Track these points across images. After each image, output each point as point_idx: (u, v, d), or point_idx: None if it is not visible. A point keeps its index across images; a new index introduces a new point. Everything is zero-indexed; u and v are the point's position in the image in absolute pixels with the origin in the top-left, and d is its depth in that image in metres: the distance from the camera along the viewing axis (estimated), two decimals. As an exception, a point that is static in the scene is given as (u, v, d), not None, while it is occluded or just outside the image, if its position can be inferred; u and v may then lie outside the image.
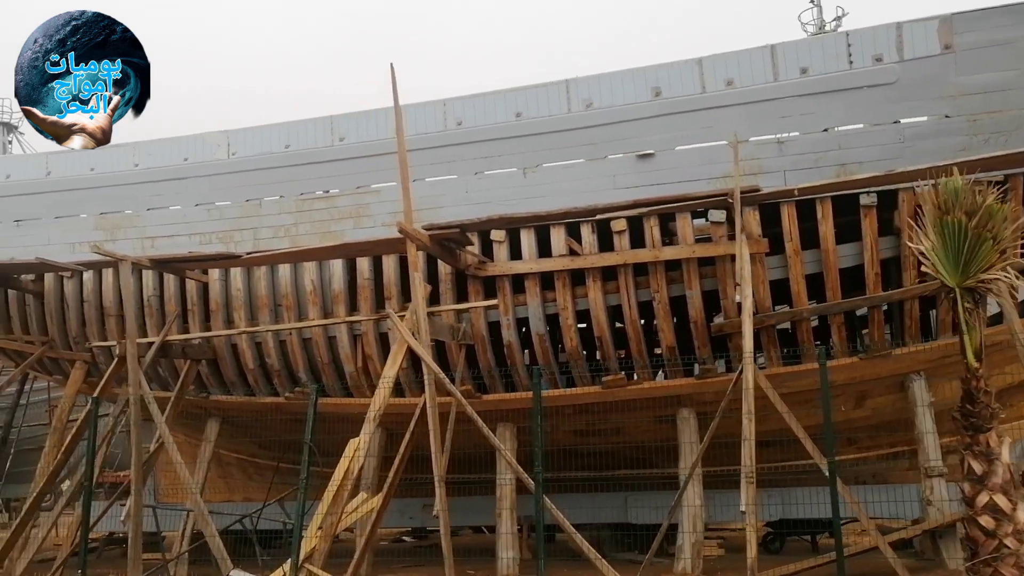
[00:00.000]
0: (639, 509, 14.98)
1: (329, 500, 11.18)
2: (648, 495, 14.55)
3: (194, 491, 12.06)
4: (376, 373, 13.37)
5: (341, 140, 13.70)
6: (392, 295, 13.09)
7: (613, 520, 15.32)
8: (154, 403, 12.61)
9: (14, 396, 16.10)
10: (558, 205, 12.29)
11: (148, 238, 14.48)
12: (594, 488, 15.11)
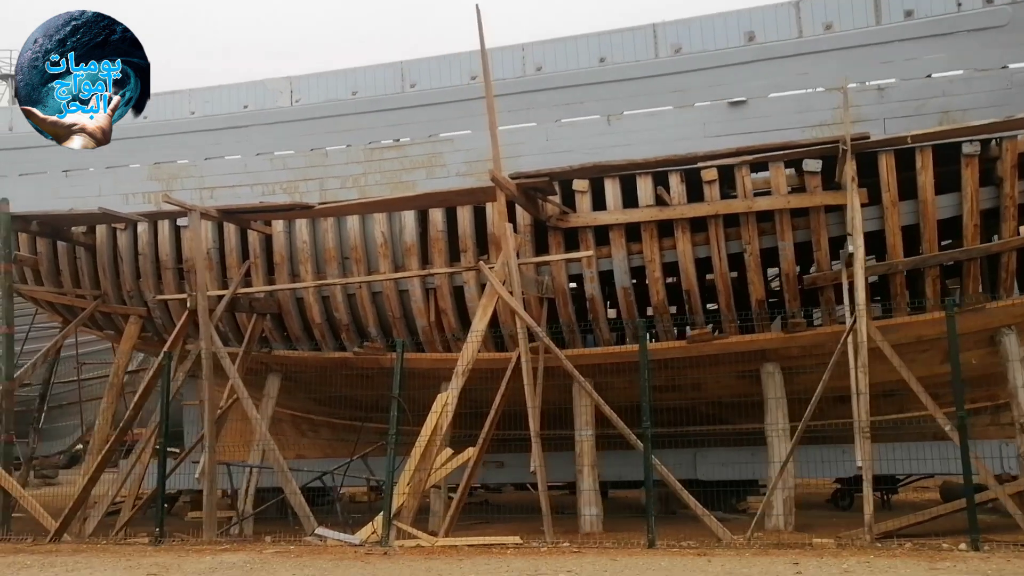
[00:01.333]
0: (708, 466, 14.92)
1: (418, 456, 10.98)
2: (717, 451, 14.51)
3: (274, 448, 11.86)
4: (450, 327, 13.17)
5: (412, 87, 13.38)
6: (468, 247, 12.87)
7: (681, 477, 15.26)
8: (227, 357, 12.40)
9: (52, 352, 15.70)
10: (644, 154, 12.10)
11: (207, 188, 14.18)
12: (662, 444, 14.99)
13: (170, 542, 11.67)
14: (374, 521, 11.20)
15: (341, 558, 9.87)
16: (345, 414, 16.38)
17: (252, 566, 9.49)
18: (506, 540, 10.52)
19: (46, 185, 15.31)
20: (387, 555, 10.03)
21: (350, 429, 17.14)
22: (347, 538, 10.99)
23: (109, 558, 10.49)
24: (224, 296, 13.09)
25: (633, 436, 10.70)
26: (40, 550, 11.57)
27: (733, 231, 12.15)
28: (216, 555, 10.40)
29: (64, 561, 10.36)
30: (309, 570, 9.07)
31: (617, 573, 8.22)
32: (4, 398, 13.35)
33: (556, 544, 10.33)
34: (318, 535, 11.30)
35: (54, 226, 14.52)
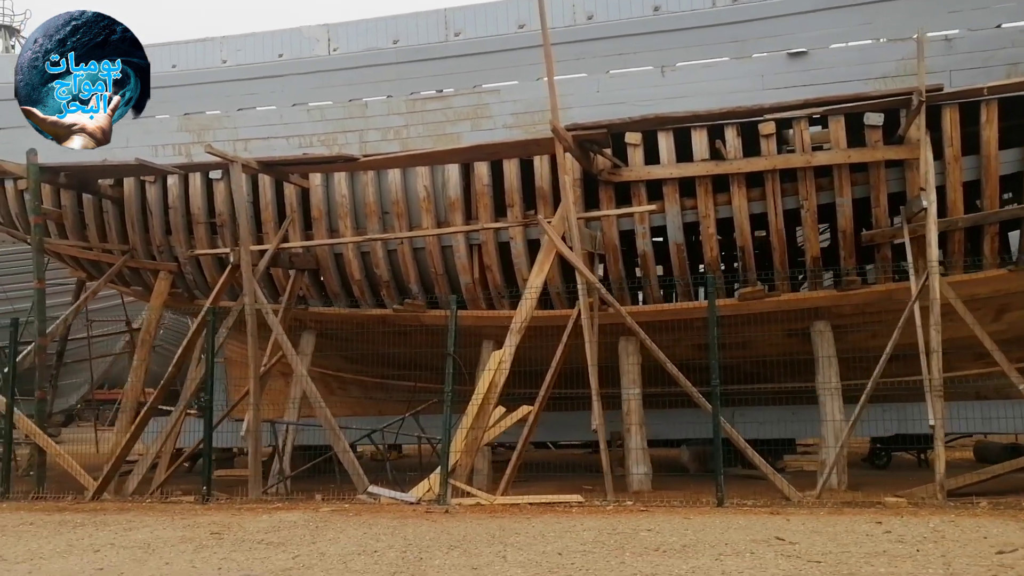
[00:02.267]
0: (746, 424, 14.87)
1: (473, 414, 10.85)
2: (755, 410, 14.46)
3: (322, 405, 11.70)
4: (495, 284, 12.97)
5: (456, 35, 13.05)
6: (515, 202, 12.60)
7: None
8: (272, 313, 12.16)
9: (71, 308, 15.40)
10: (699, 106, 11.86)
11: (240, 140, 13.85)
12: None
13: (216, 500, 11.53)
14: (429, 479, 11.09)
15: (404, 516, 9.76)
16: (376, 372, 16.21)
17: (316, 524, 9.37)
18: (568, 498, 10.45)
19: (70, 136, 14.90)
20: (449, 513, 9.93)
21: (379, 387, 17.03)
22: (401, 496, 10.89)
23: (161, 517, 10.35)
24: (267, 251, 12.80)
25: (699, 394, 10.58)
26: (84, 508, 11.42)
27: (788, 186, 11.96)
28: (272, 513, 10.28)
29: (116, 519, 10.23)
30: (377, 528, 8.96)
31: (698, 531, 8.14)
32: (37, 354, 13.09)
33: (620, 502, 10.25)
34: (370, 493, 11.18)
35: (82, 178, 14.16)
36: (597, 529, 8.43)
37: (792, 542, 7.42)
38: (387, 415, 14.92)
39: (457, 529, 8.76)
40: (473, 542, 7.95)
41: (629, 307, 12.27)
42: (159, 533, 9.13)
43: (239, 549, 8.04)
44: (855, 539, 7.49)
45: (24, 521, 10.37)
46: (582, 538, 7.97)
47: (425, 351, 13.89)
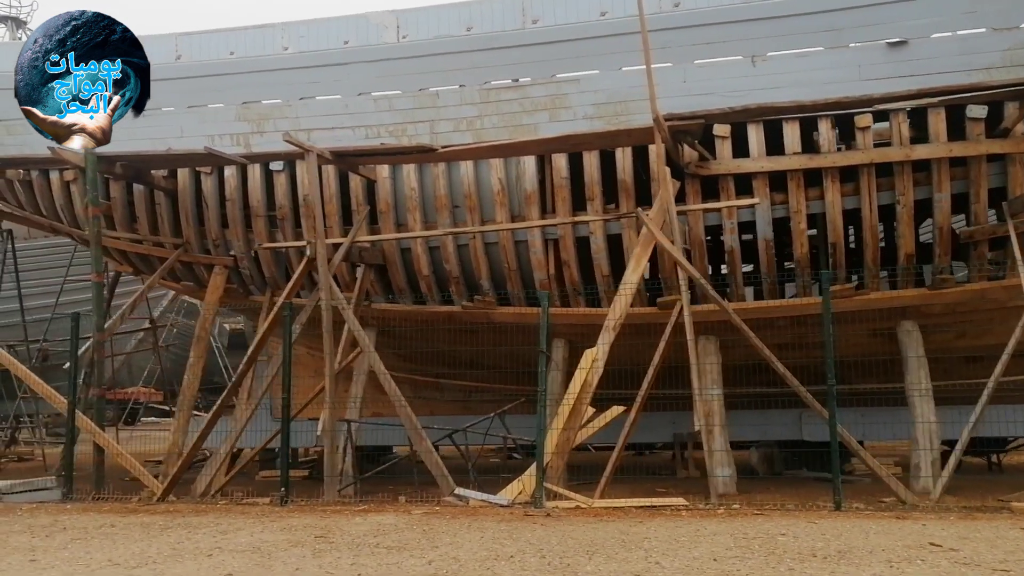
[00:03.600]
0: (813, 426, 14.68)
1: (566, 414, 10.59)
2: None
3: (403, 404, 11.41)
4: (572, 280, 12.71)
5: (534, 23, 12.79)
6: (594, 195, 12.35)
7: (784, 438, 15.10)
8: (348, 308, 11.85)
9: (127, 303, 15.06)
10: (791, 97, 11.59)
11: (303, 130, 13.55)
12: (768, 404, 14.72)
13: (295, 503, 11.22)
14: (520, 481, 10.82)
15: (507, 519, 9.49)
16: (430, 371, 15.93)
17: (420, 527, 9.08)
18: (673, 502, 10.20)
19: (120, 125, 14.43)
20: (551, 516, 9.66)
21: (432, 387, 16.73)
22: (493, 499, 10.61)
23: (247, 519, 10.03)
24: (342, 244, 12.49)
25: (809, 396, 10.35)
26: (157, 510, 11.08)
27: (884, 181, 11.75)
28: (364, 516, 9.99)
29: (200, 522, 9.91)
30: (490, 532, 8.68)
31: (839, 537, 7.90)
32: (96, 350, 12.75)
33: (727, 506, 10.01)
34: (458, 495, 10.90)
35: (138, 169, 13.82)
36: (728, 533, 8.18)
37: (952, 548, 7.19)
38: (439, 415, 14.64)
39: (579, 533, 8.49)
40: (608, 547, 7.68)
41: (737, 304, 11.98)
42: (260, 536, 8.82)
43: (361, 553, 7.75)
44: (1017, 545, 7.27)
45: (103, 523, 10.04)
46: (721, 543, 7.71)
47: (486, 349, 13.64)
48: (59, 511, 11.23)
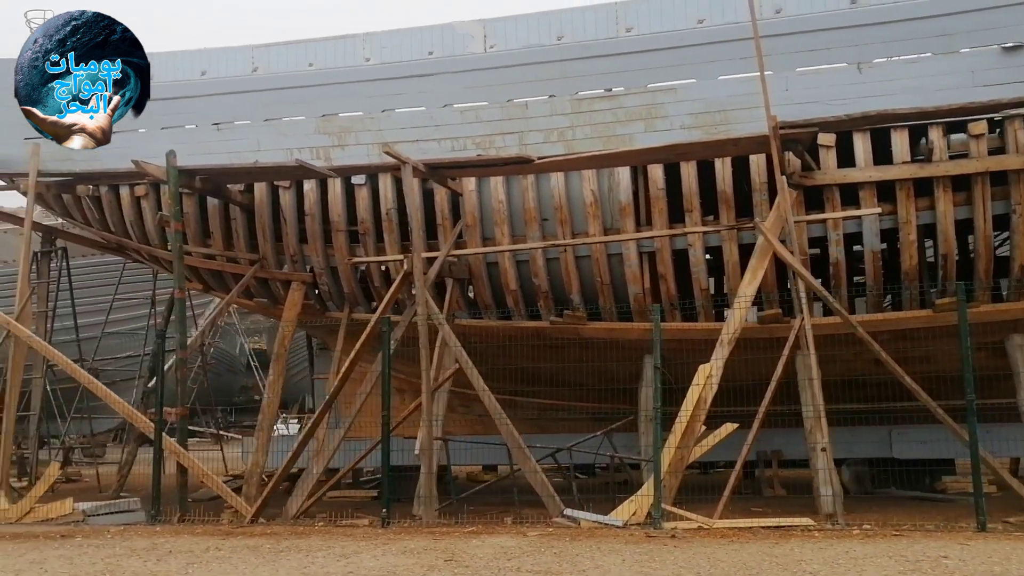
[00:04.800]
0: (905, 444, 14.37)
1: (680, 432, 10.32)
2: (916, 429, 13.94)
3: (507, 422, 11.16)
4: (669, 295, 12.47)
5: (628, 31, 12.58)
6: (693, 207, 12.13)
7: (873, 455, 14.78)
8: (445, 324, 11.63)
9: (207, 320, 14.92)
10: (900, 105, 11.34)
11: (385, 143, 13.27)
12: (855, 421, 14.41)
13: (396, 524, 10.96)
14: (632, 500, 10.54)
15: (634, 541, 9.22)
16: (504, 388, 15.67)
17: (547, 550, 8.82)
18: (800, 522, 9.91)
19: (193, 139, 14.40)
20: (677, 538, 9.38)
21: (507, 404, 16.45)
22: (606, 520, 10.34)
23: (356, 542, 9.77)
24: (437, 258, 12.29)
25: (938, 409, 10.06)
26: (254, 532, 10.84)
27: (997, 190, 11.51)
28: (479, 538, 9.72)
29: (309, 545, 9.66)
30: (622, 555, 8.42)
31: (1005, 559, 7.60)
32: (178, 368, 12.53)
33: (858, 526, 9.71)
34: (568, 516, 10.63)
35: (215, 182, 13.65)
36: (885, 556, 7.90)
37: None
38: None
39: (723, 555, 8.21)
40: (767, 571, 7.40)
41: (858, 316, 11.71)
42: (386, 561, 8.57)
43: (509, 578, 7.49)
44: None
45: (208, 546, 9.80)
46: (886, 567, 7.43)
47: (569, 366, 13.39)
48: (151, 533, 11.00)
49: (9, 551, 10.02)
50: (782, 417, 12.29)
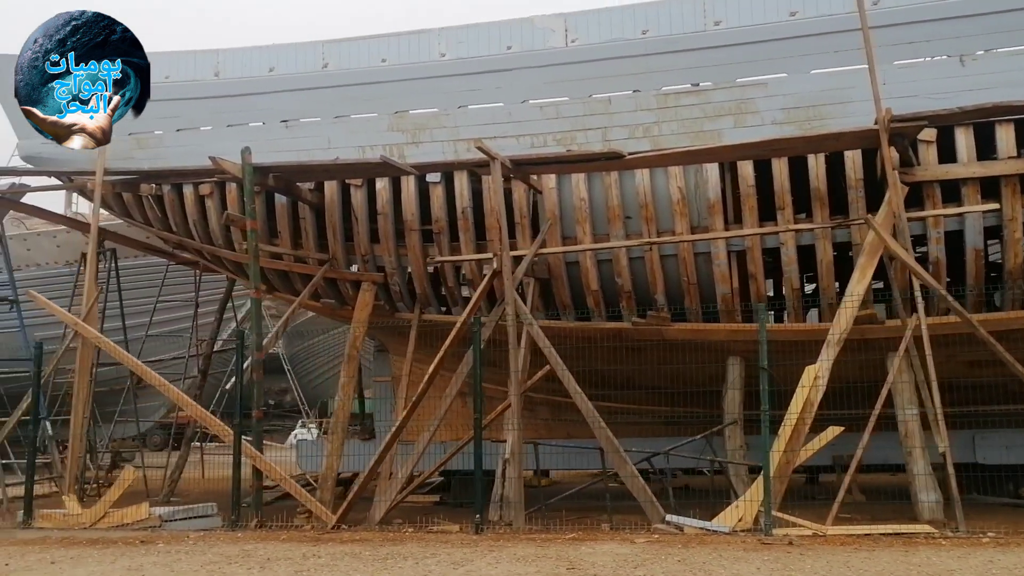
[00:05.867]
0: (990, 449, 14.01)
1: (787, 435, 10.00)
2: (1001, 433, 13.59)
3: (602, 426, 10.88)
4: (759, 295, 12.16)
5: (716, 24, 12.29)
6: (785, 204, 11.82)
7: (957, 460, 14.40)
8: (535, 324, 11.34)
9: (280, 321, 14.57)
10: (1004, 98, 10.99)
11: (462, 140, 13.10)
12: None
13: (490, 530, 10.66)
14: (737, 506, 10.22)
15: (754, 548, 8.92)
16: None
17: (668, 558, 8.52)
18: (919, 528, 9.58)
19: (261, 136, 14.15)
20: (795, 544, 9.07)
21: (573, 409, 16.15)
22: (713, 526, 10.02)
23: (464, 550, 9.47)
24: (524, 256, 12.01)
25: None
26: (344, 539, 10.55)
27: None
28: (588, 545, 9.42)
29: (412, 552, 9.36)
30: (752, 564, 8.11)
31: None
32: (255, 369, 12.25)
33: (981, 533, 9.38)
34: (670, 523, 10.32)
35: (287, 181, 13.40)
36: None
37: None
38: (575, 438, 14.03)
39: (858, 563, 7.91)
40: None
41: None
42: (505, 568, 8.28)
43: (650, 586, 7.19)
44: None
45: (307, 553, 9.52)
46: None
47: (642, 368, 13.10)
48: (234, 539, 10.73)
49: (97, 558, 9.76)
50: (859, 421, 11.99)
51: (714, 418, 13.33)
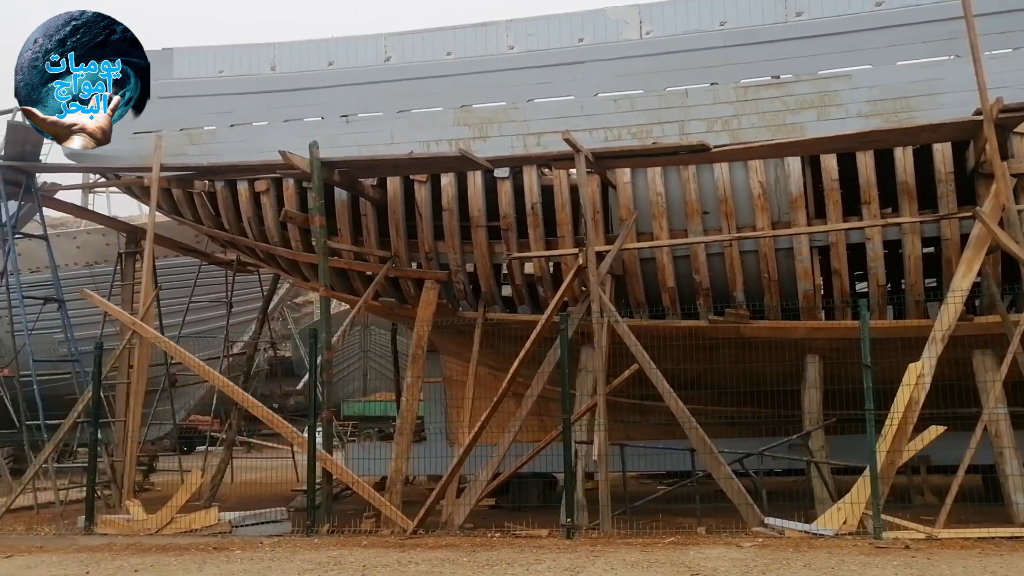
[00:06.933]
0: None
1: (891, 435, 9.67)
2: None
3: (695, 427, 10.57)
4: (843, 291, 11.84)
5: (798, 15, 12.01)
6: (871, 198, 11.50)
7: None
8: (622, 322, 11.01)
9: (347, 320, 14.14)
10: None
11: (532, 135, 12.80)
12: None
13: (582, 535, 10.32)
14: (840, 508, 9.89)
15: (876, 552, 8.64)
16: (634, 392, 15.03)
17: (789, 563, 8.19)
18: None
19: (319, 131, 13.73)
20: (912, 549, 8.75)
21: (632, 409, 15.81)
22: (817, 529, 9.71)
23: (562, 554, 9.16)
24: (609, 252, 11.67)
25: None
26: (428, 544, 10.21)
27: None
28: (697, 549, 9.07)
29: (514, 558, 9.04)
30: (885, 570, 7.77)
31: None
32: (324, 369, 11.89)
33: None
34: (770, 526, 9.99)
35: (351, 176, 13.05)
36: None
37: None
38: (633, 440, 13.69)
39: (999, 568, 7.58)
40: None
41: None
42: (621, 575, 7.93)
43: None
44: None
45: (405, 560, 9.21)
46: None
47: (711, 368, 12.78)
48: (314, 546, 10.38)
49: (180, 565, 9.41)
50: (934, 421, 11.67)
51: (789, 419, 13.04)
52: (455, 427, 15.27)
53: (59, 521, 12.83)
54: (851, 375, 11.35)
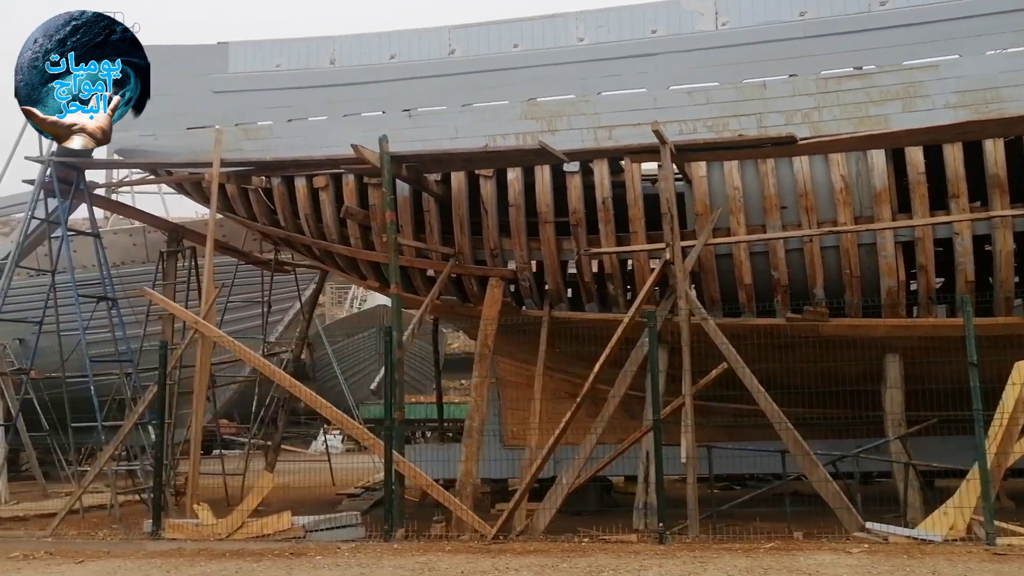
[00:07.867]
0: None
1: (999, 436, 9.32)
2: None
3: (789, 427, 10.22)
4: (929, 288, 11.51)
5: (881, 5, 11.67)
6: (959, 192, 11.16)
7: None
8: (710, 320, 10.67)
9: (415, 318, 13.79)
10: None
11: (603, 127, 12.46)
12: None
13: (674, 540, 9.98)
14: (946, 513, 9.55)
15: (997, 560, 8.24)
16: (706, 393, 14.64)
17: (911, 568, 7.84)
18: None
19: (381, 125, 13.35)
20: (1033, 556, 8.40)
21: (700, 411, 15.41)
22: (924, 535, 9.38)
23: (666, 560, 8.81)
24: (694, 247, 11.34)
25: None
26: (514, 549, 9.90)
27: None
28: (805, 555, 8.74)
29: (613, 565, 8.74)
30: None
31: None
32: (397, 367, 11.56)
33: None
34: (870, 531, 9.65)
35: (418, 171, 12.72)
36: None
37: None
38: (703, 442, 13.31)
39: None
40: None
41: None
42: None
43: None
44: None
45: (503, 566, 8.90)
46: None
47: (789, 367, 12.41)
48: (395, 551, 10.06)
49: (262, 572, 9.09)
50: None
51: (864, 420, 12.72)
52: (508, 429, 14.93)
53: (122, 524, 12.52)
54: (931, 374, 11.04)
